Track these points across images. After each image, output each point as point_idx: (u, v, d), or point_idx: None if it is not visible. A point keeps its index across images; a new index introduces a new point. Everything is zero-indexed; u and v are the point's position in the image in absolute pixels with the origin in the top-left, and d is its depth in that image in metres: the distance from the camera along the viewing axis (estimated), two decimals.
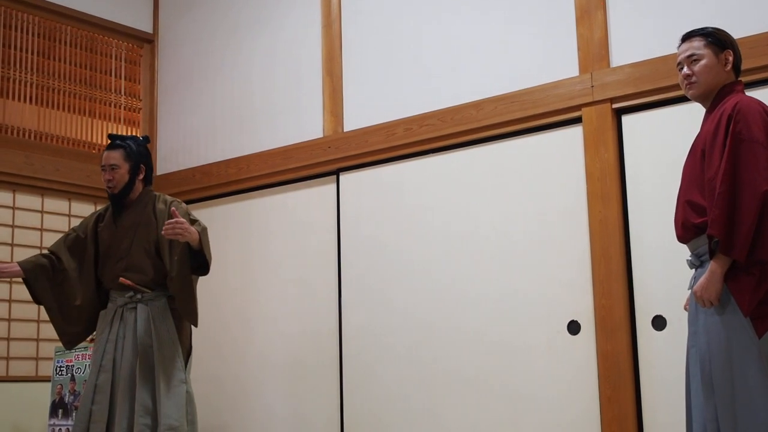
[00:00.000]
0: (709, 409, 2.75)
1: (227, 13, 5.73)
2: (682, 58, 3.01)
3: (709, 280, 2.75)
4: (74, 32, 5.75)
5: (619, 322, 3.82)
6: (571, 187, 4.07)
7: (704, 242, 2.84)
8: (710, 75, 2.95)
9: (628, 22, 4.02)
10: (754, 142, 2.72)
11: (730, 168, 2.72)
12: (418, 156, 4.62)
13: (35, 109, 5.52)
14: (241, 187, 5.40)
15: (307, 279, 5.00)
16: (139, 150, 3.99)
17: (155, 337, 3.78)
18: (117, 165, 3.92)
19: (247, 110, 5.50)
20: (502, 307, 4.20)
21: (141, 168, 3.97)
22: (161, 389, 3.70)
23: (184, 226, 3.57)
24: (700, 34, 3.00)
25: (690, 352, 2.91)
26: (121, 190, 3.93)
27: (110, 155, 3.94)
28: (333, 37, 5.10)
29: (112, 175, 3.92)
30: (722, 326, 2.74)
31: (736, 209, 2.69)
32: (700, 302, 2.78)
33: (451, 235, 4.42)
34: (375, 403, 4.58)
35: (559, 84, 4.14)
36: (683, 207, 2.94)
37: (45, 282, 3.93)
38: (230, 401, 5.24)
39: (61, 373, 4.98)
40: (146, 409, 3.69)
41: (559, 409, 3.98)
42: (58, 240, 4.07)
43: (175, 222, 3.56)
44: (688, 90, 3.01)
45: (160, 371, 3.73)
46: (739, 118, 2.76)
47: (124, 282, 3.82)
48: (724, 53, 2.96)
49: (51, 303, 3.94)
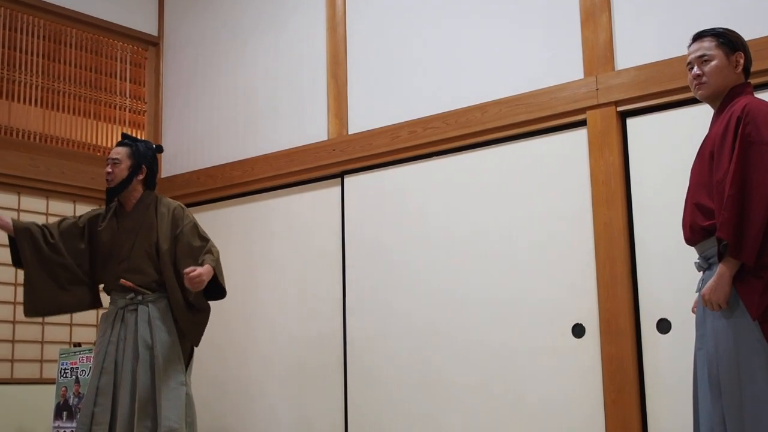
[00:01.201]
0: (716, 412, 2.73)
1: (232, 15, 5.74)
2: (692, 58, 2.99)
3: (717, 282, 2.74)
4: (79, 35, 5.76)
5: (624, 325, 3.81)
6: (575, 190, 4.06)
7: (712, 245, 2.83)
8: (720, 76, 2.93)
9: (632, 25, 4.01)
10: (763, 145, 2.71)
11: (740, 170, 2.71)
12: (423, 159, 4.62)
13: (40, 112, 5.53)
14: (246, 190, 5.40)
15: (311, 282, 5.00)
16: (145, 152, 4.00)
17: (155, 338, 3.78)
18: (119, 160, 3.94)
19: (252, 113, 5.50)
20: (507, 311, 4.20)
21: (142, 168, 3.97)
22: (161, 391, 3.70)
23: (201, 279, 3.66)
24: (712, 35, 2.97)
25: (697, 354, 2.89)
26: (117, 184, 3.93)
27: (115, 150, 3.99)
28: (337, 40, 5.10)
29: (112, 168, 3.93)
30: (730, 329, 2.73)
31: (745, 212, 2.68)
32: (709, 305, 2.77)
33: (456, 237, 4.42)
34: (379, 406, 4.58)
35: (564, 87, 4.13)
36: (691, 209, 2.92)
37: (31, 241, 3.88)
38: (233, 404, 5.23)
39: (65, 376, 4.98)
40: (147, 412, 3.69)
41: (564, 412, 3.97)
42: (53, 222, 4.04)
43: (192, 279, 3.64)
44: (697, 90, 2.99)
45: (160, 373, 3.73)
46: (748, 120, 2.75)
47: (124, 283, 3.83)
48: (735, 55, 2.94)
49: (32, 262, 3.88)
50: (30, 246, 3.88)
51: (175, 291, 3.84)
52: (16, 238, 3.89)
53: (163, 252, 3.85)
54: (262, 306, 5.22)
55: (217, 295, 3.92)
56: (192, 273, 3.63)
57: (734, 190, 2.70)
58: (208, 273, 3.71)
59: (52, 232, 3.94)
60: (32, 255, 3.88)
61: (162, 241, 3.86)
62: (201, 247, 3.87)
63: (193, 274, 3.63)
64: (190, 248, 3.85)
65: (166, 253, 3.86)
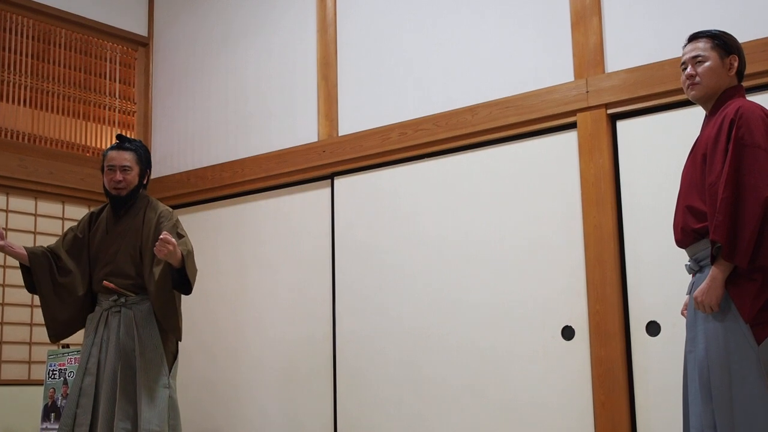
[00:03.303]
0: (707, 416, 2.73)
1: (222, 16, 5.73)
2: (686, 58, 2.99)
3: (709, 285, 2.74)
4: (69, 35, 5.74)
5: (614, 327, 3.82)
6: (565, 192, 4.07)
7: (704, 247, 2.83)
8: (713, 78, 2.93)
9: (623, 28, 4.02)
10: (756, 148, 2.71)
11: (733, 173, 2.71)
12: (413, 160, 4.62)
13: (29, 112, 5.50)
14: (236, 191, 5.39)
15: (301, 283, 4.99)
16: (146, 155, 3.99)
17: (138, 340, 3.76)
18: (130, 167, 3.89)
19: (242, 114, 5.49)
20: (496, 313, 4.20)
21: (147, 173, 3.98)
22: (143, 394, 3.67)
23: (170, 246, 3.50)
24: (707, 36, 2.98)
25: (688, 357, 2.89)
26: (130, 192, 3.90)
27: (123, 156, 3.89)
28: (328, 42, 5.09)
29: (124, 176, 3.87)
30: (721, 332, 2.73)
31: (739, 215, 2.68)
32: (701, 308, 2.77)
33: (446, 239, 4.42)
34: (368, 408, 4.57)
35: (554, 89, 4.14)
36: (683, 212, 2.92)
37: (45, 270, 3.89)
38: (223, 406, 5.22)
39: (53, 377, 4.96)
40: (126, 413, 3.67)
41: (553, 414, 3.97)
42: (56, 241, 4.03)
43: (162, 241, 3.50)
44: (689, 91, 2.99)
45: (142, 375, 3.70)
46: (741, 123, 2.75)
47: (107, 285, 3.82)
48: (730, 58, 2.95)
49: (47, 290, 3.89)
50: (45, 275, 3.88)
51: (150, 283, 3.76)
52: (31, 267, 3.89)
53: (146, 256, 3.82)
54: (252, 307, 5.21)
55: (184, 289, 3.78)
56: (164, 235, 3.50)
57: (728, 193, 2.69)
58: (176, 252, 3.55)
59: (60, 256, 3.93)
60: (47, 284, 3.89)
61: (145, 247, 3.84)
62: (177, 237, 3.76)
63: (165, 236, 3.49)
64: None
65: (147, 256, 3.81)
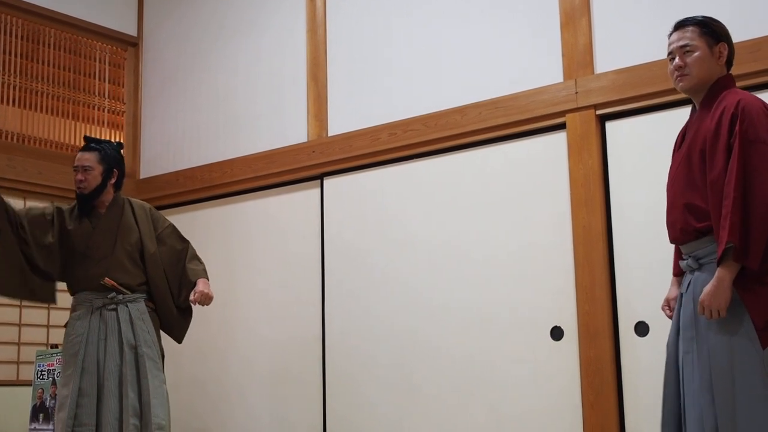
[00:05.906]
0: (708, 418, 2.63)
1: (212, 17, 5.72)
2: (674, 48, 2.85)
3: (717, 287, 2.60)
4: (58, 35, 5.72)
5: (602, 328, 3.82)
6: (554, 193, 4.07)
7: (704, 245, 2.72)
8: (703, 68, 2.80)
9: (612, 29, 4.03)
10: (762, 143, 2.60)
11: (741, 171, 2.58)
12: (402, 161, 4.62)
13: (18, 112, 5.49)
14: (225, 191, 5.39)
15: (290, 284, 4.98)
16: (113, 154, 4.02)
17: (139, 337, 3.83)
18: (90, 167, 3.94)
19: (232, 114, 5.49)
20: (485, 313, 4.20)
21: (114, 172, 3.99)
22: (149, 389, 3.75)
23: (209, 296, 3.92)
24: (695, 23, 2.84)
25: (684, 358, 2.76)
26: (92, 191, 3.93)
27: (84, 156, 3.97)
28: (318, 42, 5.09)
29: (85, 176, 3.93)
30: (726, 334, 2.61)
31: (748, 215, 2.57)
32: (707, 312, 2.62)
33: (435, 240, 4.42)
34: (357, 410, 4.57)
35: (544, 90, 4.14)
36: (682, 211, 2.78)
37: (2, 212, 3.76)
38: (212, 406, 5.21)
39: (42, 378, 4.95)
40: (134, 409, 3.73)
41: (542, 415, 3.97)
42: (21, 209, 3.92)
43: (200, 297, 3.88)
44: (678, 82, 2.85)
45: (146, 372, 3.78)
46: (744, 117, 2.63)
47: (108, 282, 3.83)
48: (719, 46, 2.82)
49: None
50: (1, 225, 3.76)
51: (166, 295, 3.97)
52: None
53: (151, 254, 3.95)
54: (241, 308, 5.20)
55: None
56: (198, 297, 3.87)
57: (738, 192, 2.57)
58: (208, 287, 3.95)
59: (21, 221, 3.82)
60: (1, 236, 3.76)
61: (148, 242, 3.95)
62: (183, 249, 4.06)
63: (201, 297, 3.87)
64: (174, 251, 4.03)
65: (155, 255, 3.96)
